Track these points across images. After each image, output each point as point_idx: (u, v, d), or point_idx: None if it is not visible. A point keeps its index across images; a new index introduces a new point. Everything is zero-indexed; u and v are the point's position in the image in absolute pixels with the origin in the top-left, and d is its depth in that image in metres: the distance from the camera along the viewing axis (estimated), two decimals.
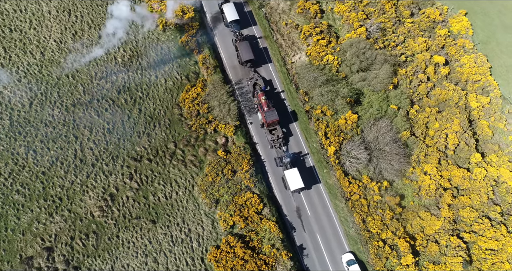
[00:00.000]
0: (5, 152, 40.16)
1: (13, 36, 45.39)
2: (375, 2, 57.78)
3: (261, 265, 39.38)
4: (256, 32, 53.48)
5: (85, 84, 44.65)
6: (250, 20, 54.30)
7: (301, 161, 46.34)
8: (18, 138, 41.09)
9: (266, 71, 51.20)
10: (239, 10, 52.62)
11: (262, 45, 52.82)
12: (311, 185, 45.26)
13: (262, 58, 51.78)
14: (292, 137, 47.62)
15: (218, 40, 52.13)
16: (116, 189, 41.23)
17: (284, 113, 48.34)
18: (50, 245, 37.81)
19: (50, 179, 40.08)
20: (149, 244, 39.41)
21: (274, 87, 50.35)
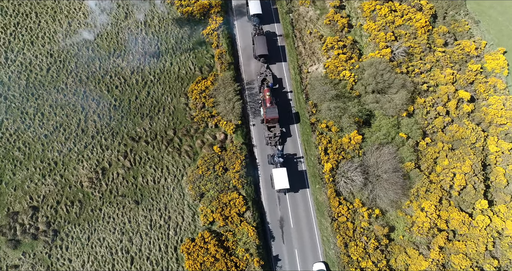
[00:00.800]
0: (15, 109, 43.44)
1: (47, 4, 48.86)
2: (408, 25, 57.25)
3: (231, 266, 40.19)
4: (277, 30, 54.72)
5: (102, 60, 47.37)
6: (273, 17, 55.63)
7: (294, 165, 46.49)
8: (30, 99, 44.29)
9: (279, 70, 52.25)
10: (265, 6, 54.21)
11: (281, 43, 53.67)
12: (300, 195, 45.48)
13: (277, 56, 52.81)
14: (291, 143, 48.15)
15: (238, 38, 53.55)
16: (109, 164, 43.46)
17: (287, 114, 49.15)
18: (36, 205, 40.52)
19: (50, 143, 42.91)
20: (128, 223, 41.25)
21: (283, 87, 51.16)
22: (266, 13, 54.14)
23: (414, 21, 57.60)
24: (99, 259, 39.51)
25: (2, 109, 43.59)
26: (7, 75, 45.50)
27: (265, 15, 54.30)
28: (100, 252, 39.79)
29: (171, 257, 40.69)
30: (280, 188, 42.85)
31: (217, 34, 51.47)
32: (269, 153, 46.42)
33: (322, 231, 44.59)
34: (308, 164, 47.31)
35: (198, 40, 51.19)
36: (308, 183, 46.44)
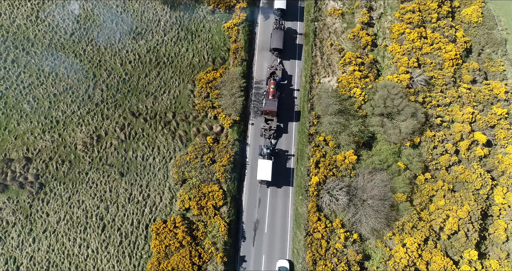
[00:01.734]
0: (33, 65, 47.70)
1: None
2: (436, 55, 56.70)
3: (194, 256, 41.88)
4: (299, 29, 56.56)
5: (123, 34, 50.83)
6: (298, 15, 57.32)
7: (283, 162, 48.05)
8: (49, 58, 48.44)
9: (291, 67, 54.03)
10: (292, 3, 56.53)
11: (299, 42, 55.44)
12: (281, 202, 46.36)
13: (293, 54, 54.65)
14: (286, 140, 49.69)
15: (258, 36, 55.37)
16: (105, 133, 46.59)
17: (289, 112, 50.75)
18: (30, 157, 44.28)
19: (57, 102, 46.69)
20: (109, 192, 44.06)
21: (291, 84, 52.70)
22: (291, 10, 56.52)
23: (443, 52, 56.97)
24: (74, 220, 42.51)
25: (22, 63, 47.96)
26: (33, 33, 50.00)
27: (289, 12, 56.61)
28: (77, 213, 42.79)
29: (140, 233, 42.99)
30: (262, 178, 44.66)
31: (238, 29, 53.59)
32: (262, 144, 47.69)
33: (295, 243, 45.25)
34: (297, 174, 48.15)
35: (218, 31, 53.55)
36: (293, 183, 47.23)
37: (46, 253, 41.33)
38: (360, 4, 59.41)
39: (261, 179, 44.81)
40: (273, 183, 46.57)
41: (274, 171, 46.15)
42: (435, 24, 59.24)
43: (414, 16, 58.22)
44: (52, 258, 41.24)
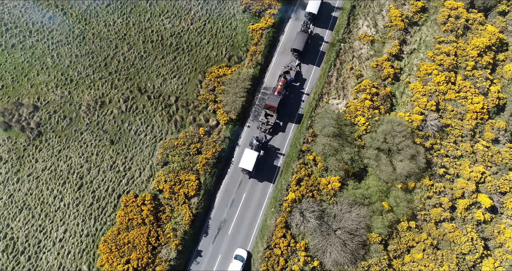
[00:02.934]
0: (66, 26, 53.85)
1: None
2: (460, 103, 55.75)
3: (152, 236, 44.76)
4: (326, 37, 58.81)
5: (153, 16, 55.75)
6: (329, 24, 59.78)
7: (271, 159, 50.58)
8: (81, 22, 54.35)
9: (307, 72, 56.48)
10: (327, 12, 59.31)
11: (323, 50, 57.93)
12: (252, 209, 48.05)
13: (313, 59, 57.14)
14: (280, 139, 52.04)
15: (280, 44, 57.90)
16: (109, 101, 51.32)
17: (293, 113, 53.46)
18: (39, 106, 49.96)
19: (76, 63, 52.27)
20: (95, 155, 48.44)
21: (303, 88, 55.14)
22: (324, 18, 59.56)
23: (469, 102, 56.04)
24: (57, 172, 47.24)
25: (57, 21, 54.35)
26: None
27: (321, 19, 59.40)
28: (61, 166, 47.51)
29: (111, 201, 46.72)
30: (243, 167, 46.97)
31: (262, 33, 56.60)
32: (255, 135, 50.32)
33: (254, 253, 46.67)
34: (276, 186, 49.66)
35: (242, 31, 56.91)
36: (275, 181, 49.40)
37: (25, 195, 46.25)
38: (394, 35, 60.11)
39: (242, 167, 46.99)
40: (255, 176, 49.02)
41: (261, 164, 48.70)
42: (469, 72, 58.37)
43: (448, 59, 57.84)
44: (28, 201, 46.07)
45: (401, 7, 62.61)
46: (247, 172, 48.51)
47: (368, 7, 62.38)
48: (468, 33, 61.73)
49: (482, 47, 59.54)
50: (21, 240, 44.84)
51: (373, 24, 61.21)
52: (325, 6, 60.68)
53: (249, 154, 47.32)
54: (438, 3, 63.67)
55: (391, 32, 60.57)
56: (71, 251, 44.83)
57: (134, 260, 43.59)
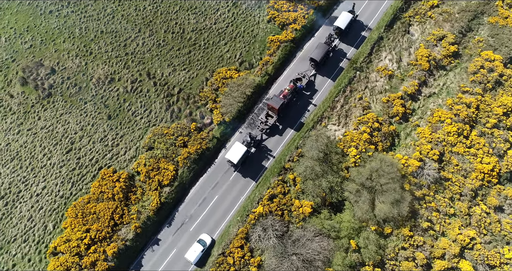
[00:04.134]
0: (101, 3, 60.42)
1: None
2: (467, 159, 54.35)
3: (117, 213, 48.59)
4: (349, 54, 60.73)
5: (181, 9, 60.96)
6: (356, 42, 61.69)
7: (260, 159, 53.49)
8: (115, 2, 60.95)
9: (321, 84, 58.92)
10: (357, 29, 61.68)
11: (342, 65, 60.00)
12: (220, 213, 50.48)
13: (330, 73, 59.59)
14: (275, 141, 54.84)
15: (297, 57, 60.27)
16: (119, 79, 56.65)
17: (295, 120, 56.13)
18: (56, 70, 56.49)
19: (100, 38, 58.47)
20: (91, 126, 53.68)
21: (312, 98, 57.75)
22: (353, 35, 61.69)
23: (478, 161, 54.51)
24: (53, 133, 52.95)
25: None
26: None
27: (349, 35, 61.72)
28: (58, 128, 53.19)
29: (92, 171, 51.41)
30: (228, 158, 50.06)
31: (279, 46, 59.51)
32: (250, 132, 53.54)
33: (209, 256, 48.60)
34: (250, 197, 51.51)
35: (261, 40, 60.24)
36: (258, 180, 52.13)
37: (20, 146, 52.32)
38: (415, 74, 60.21)
39: (228, 158, 50.17)
40: (241, 171, 52.22)
41: (249, 161, 52.24)
42: (487, 129, 56.86)
43: (466, 110, 56.72)
44: (20, 153, 52.03)
45: (431, 48, 62.60)
46: (232, 164, 51.34)
47: (396, 41, 63.08)
48: (499, 89, 60.17)
49: (511, 107, 57.76)
50: (4, 186, 50.63)
51: (397, 60, 61.74)
52: (357, 24, 62.77)
53: (238, 147, 50.38)
54: (474, 52, 62.89)
55: (414, 71, 60.71)
56: (43, 207, 49.75)
57: (94, 231, 47.46)
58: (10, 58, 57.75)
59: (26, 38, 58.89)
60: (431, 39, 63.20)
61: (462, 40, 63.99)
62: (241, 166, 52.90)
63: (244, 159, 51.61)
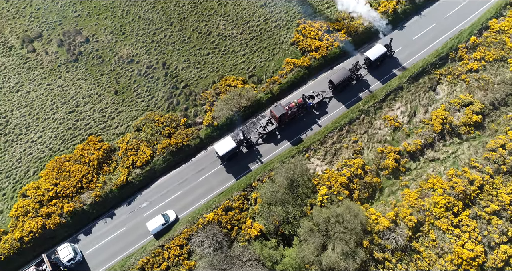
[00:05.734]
0: None
1: None
2: (448, 239, 53.01)
3: (87, 178, 56.31)
4: (372, 87, 63.97)
5: (215, 14, 69.18)
6: (384, 78, 64.64)
7: (246, 159, 58.63)
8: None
9: (334, 107, 62.60)
10: (390, 65, 64.98)
11: (362, 96, 63.32)
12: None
13: (346, 99, 62.96)
14: (267, 150, 59.35)
15: (307, 85, 64.19)
16: (137, 61, 65.75)
17: (292, 135, 60.43)
18: (90, 40, 67.65)
19: (135, 22, 68.92)
20: (98, 96, 63.22)
21: (319, 119, 61.82)
22: (383, 69, 65.00)
23: (459, 243, 52.70)
24: (65, 92, 63.22)
25: None
26: None
27: (380, 69, 64.86)
28: (71, 90, 63.36)
29: (83, 135, 60.17)
30: (215, 150, 56.01)
31: (292, 69, 64.24)
32: (245, 130, 59.35)
33: (147, 243, 53.35)
34: (209, 202, 55.67)
35: (278, 60, 65.51)
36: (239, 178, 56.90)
37: (36, 96, 63.33)
38: (423, 133, 60.13)
39: (215, 149, 56.14)
40: (225, 166, 57.83)
41: (237, 159, 57.69)
42: (485, 214, 54.62)
43: (466, 187, 55.07)
44: (34, 102, 62.86)
45: (452, 112, 62.12)
46: (217, 156, 56.67)
47: (416, 95, 63.79)
48: None
49: None
50: (11, 125, 61.27)
51: (410, 114, 62.36)
52: (393, 60, 65.67)
53: (228, 142, 56.11)
54: (501, 129, 61.13)
55: (423, 129, 60.72)
56: (33, 153, 59.12)
57: (61, 187, 55.25)
58: (58, 22, 70.07)
59: (77, 8, 71.06)
60: (455, 102, 62.79)
61: (491, 112, 62.53)
62: (227, 161, 57.85)
63: (231, 154, 56.67)
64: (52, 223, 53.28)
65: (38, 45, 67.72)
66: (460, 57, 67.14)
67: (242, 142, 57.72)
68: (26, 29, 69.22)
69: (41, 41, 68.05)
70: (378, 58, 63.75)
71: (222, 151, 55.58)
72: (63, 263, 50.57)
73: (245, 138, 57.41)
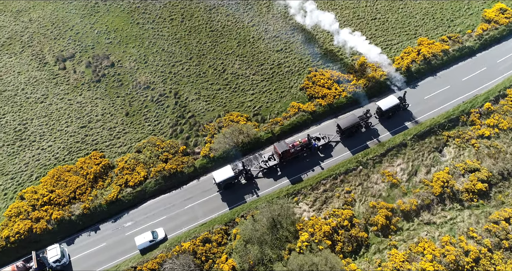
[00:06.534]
0: (174, 30, 79.90)
1: None
2: None
3: (81, 189, 61.34)
4: (381, 138, 66.34)
5: (232, 54, 76.45)
6: (395, 129, 67.02)
7: (241, 191, 61.85)
8: (186, 31, 79.49)
9: (338, 152, 65.05)
10: (403, 117, 67.65)
11: (369, 145, 65.70)
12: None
13: (353, 146, 65.62)
14: (262, 185, 62.32)
15: (309, 130, 67.62)
16: (152, 88, 73.28)
17: (297, 172, 63.12)
18: (115, 65, 76.37)
19: (158, 53, 77.66)
20: (109, 115, 70.38)
21: (323, 161, 64.08)
22: (395, 120, 67.50)
23: None
24: (82, 108, 71.15)
25: (175, 24, 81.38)
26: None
27: (392, 120, 67.46)
28: (88, 107, 71.23)
29: (88, 149, 66.46)
30: (213, 176, 60.01)
31: (296, 112, 68.26)
32: (245, 161, 63.20)
33: (120, 264, 55.86)
34: (189, 231, 58.06)
35: (285, 103, 70.41)
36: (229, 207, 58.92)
37: (55, 109, 71.50)
38: (421, 194, 60.11)
39: (213, 175, 60.05)
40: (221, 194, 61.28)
41: (234, 189, 60.98)
42: None
43: (459, 258, 53.62)
44: (53, 114, 70.87)
45: (456, 176, 62.12)
46: (214, 182, 60.15)
47: (420, 154, 64.75)
48: None
49: None
50: (27, 132, 69.02)
51: (410, 172, 63.10)
52: (406, 113, 68.25)
53: (226, 170, 59.91)
54: (509, 201, 59.99)
55: (422, 190, 60.85)
56: (40, 160, 65.68)
57: (55, 194, 60.35)
58: (91, 46, 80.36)
59: (110, 36, 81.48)
60: (460, 167, 62.86)
61: (499, 183, 61.83)
62: (224, 189, 61.29)
63: (228, 183, 60.23)
64: (39, 227, 57.59)
65: (69, 64, 77.52)
66: (472, 121, 68.16)
67: (241, 173, 61.15)
68: (63, 49, 79.82)
69: (73, 61, 77.92)
70: (389, 109, 66.45)
71: (219, 178, 59.24)
72: (49, 263, 54.00)
73: (245, 169, 60.82)
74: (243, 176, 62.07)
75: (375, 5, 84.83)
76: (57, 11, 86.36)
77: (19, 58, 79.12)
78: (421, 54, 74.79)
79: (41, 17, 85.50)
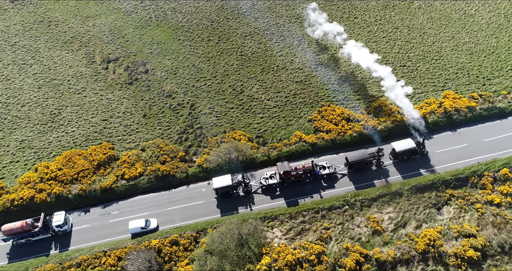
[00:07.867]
0: (207, 50, 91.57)
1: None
2: None
3: (84, 173, 71.55)
4: (391, 179, 68.85)
5: (252, 79, 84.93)
6: (408, 172, 69.24)
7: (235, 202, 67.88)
8: (218, 51, 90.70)
9: (342, 184, 68.79)
10: (419, 163, 69.89)
11: (376, 184, 68.55)
12: None
13: (359, 181, 68.87)
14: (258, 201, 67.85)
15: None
16: (173, 97, 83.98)
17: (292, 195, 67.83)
18: (149, 71, 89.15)
19: (188, 67, 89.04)
20: (128, 114, 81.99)
21: (324, 191, 68.13)
22: (410, 164, 69.59)
23: None
24: (109, 105, 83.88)
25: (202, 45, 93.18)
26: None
27: (406, 163, 69.72)
28: (115, 104, 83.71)
29: (102, 139, 77.79)
30: (211, 182, 66.81)
31: (297, 141, 73.43)
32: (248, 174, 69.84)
33: (96, 246, 63.79)
34: (163, 231, 64.53)
35: (289, 131, 76.04)
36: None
37: (88, 101, 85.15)
38: (403, 248, 59.95)
39: (212, 181, 66.83)
40: (217, 200, 67.65)
41: (231, 199, 66.96)
42: None
43: None
44: (85, 105, 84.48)
45: (447, 238, 61.21)
46: (212, 188, 66.79)
47: (414, 207, 64.99)
48: None
49: None
50: (60, 116, 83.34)
51: (398, 222, 63.66)
52: (424, 159, 70.31)
53: (225, 179, 66.39)
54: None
55: (405, 243, 60.88)
56: (61, 141, 78.58)
57: (61, 173, 71.50)
58: (134, 53, 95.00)
59: (152, 47, 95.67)
60: (455, 229, 61.81)
61: (497, 256, 59.59)
62: (221, 197, 67.49)
63: (226, 192, 66.51)
64: (40, 198, 68.48)
65: (111, 66, 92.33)
66: (482, 185, 67.06)
67: (239, 184, 67.19)
68: (111, 52, 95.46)
69: (115, 63, 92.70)
70: (404, 152, 68.76)
71: (217, 184, 65.79)
72: (52, 226, 64.39)
73: (244, 182, 66.66)
74: (241, 188, 67.60)
75: (408, 53, 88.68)
76: (116, 21, 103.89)
77: (75, 54, 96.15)
78: (442, 106, 76.15)
79: (103, 24, 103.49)
